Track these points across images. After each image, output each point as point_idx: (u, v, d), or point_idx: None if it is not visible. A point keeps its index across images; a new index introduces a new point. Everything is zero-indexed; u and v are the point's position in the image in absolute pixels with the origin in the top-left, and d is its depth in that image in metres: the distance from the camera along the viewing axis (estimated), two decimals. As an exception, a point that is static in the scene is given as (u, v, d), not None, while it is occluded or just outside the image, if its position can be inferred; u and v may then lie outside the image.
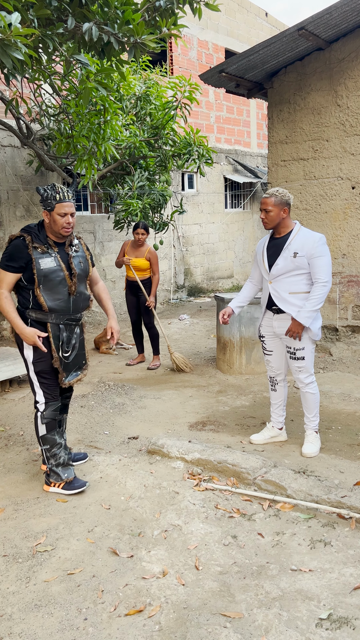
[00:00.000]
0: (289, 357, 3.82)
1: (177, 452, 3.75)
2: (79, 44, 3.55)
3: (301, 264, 3.62)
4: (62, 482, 3.40)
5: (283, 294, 3.72)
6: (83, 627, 2.28)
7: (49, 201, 3.26)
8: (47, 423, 3.40)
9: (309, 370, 3.81)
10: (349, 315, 6.24)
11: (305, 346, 3.74)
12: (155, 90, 7.40)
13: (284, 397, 4.04)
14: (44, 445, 3.42)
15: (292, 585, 2.49)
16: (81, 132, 5.37)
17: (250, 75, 6.37)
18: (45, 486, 3.46)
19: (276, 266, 3.70)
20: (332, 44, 5.97)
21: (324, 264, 3.59)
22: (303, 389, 3.85)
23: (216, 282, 13.02)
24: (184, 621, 2.28)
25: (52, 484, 3.42)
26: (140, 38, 3.32)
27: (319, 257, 3.59)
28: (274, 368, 3.98)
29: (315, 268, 3.60)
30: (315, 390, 3.85)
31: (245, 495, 3.28)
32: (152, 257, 6.35)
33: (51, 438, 3.42)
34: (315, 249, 3.59)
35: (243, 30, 13.95)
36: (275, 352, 3.93)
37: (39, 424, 3.41)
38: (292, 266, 3.65)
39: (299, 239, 3.64)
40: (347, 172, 6.05)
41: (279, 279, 3.72)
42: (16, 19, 2.62)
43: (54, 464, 3.42)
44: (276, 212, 3.63)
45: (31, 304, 3.30)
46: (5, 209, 7.65)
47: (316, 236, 3.64)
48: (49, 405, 3.40)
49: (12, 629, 2.29)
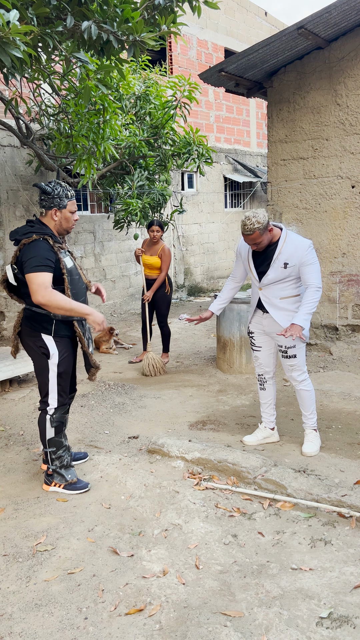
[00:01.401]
0: (281, 356, 3.85)
1: (177, 451, 3.74)
2: (79, 43, 3.54)
3: (292, 273, 3.68)
4: (65, 483, 3.40)
5: (274, 300, 3.77)
6: (83, 626, 2.28)
7: (61, 199, 3.24)
8: (56, 426, 3.38)
9: (301, 368, 3.83)
10: (349, 315, 6.24)
11: (297, 344, 3.78)
12: (154, 90, 7.40)
13: (273, 395, 4.06)
14: (50, 448, 3.39)
15: (292, 584, 2.48)
16: (80, 132, 5.36)
17: (250, 75, 6.37)
18: (45, 486, 3.45)
19: (267, 277, 3.73)
20: (331, 43, 5.97)
21: (315, 270, 3.63)
22: (297, 386, 3.86)
23: (216, 281, 13.02)
24: (185, 620, 2.28)
25: (54, 484, 3.42)
26: (140, 36, 3.31)
27: (310, 265, 3.62)
28: (262, 365, 3.99)
29: (307, 275, 3.63)
30: (310, 387, 3.86)
31: (246, 495, 3.28)
32: (163, 255, 6.35)
33: (58, 441, 3.40)
34: (305, 257, 3.62)
35: (242, 29, 13.95)
36: (264, 348, 3.96)
37: (47, 427, 3.37)
38: (282, 276, 3.70)
39: (287, 249, 3.64)
40: (347, 171, 6.05)
41: (269, 286, 3.77)
42: (14, 17, 2.62)
43: (59, 466, 3.41)
44: (265, 238, 3.63)
45: None
46: (5, 209, 7.65)
47: (304, 244, 3.64)
48: (60, 409, 3.39)
49: (12, 628, 2.28)
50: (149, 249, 6.39)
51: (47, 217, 3.29)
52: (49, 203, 3.25)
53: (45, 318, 3.28)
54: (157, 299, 6.45)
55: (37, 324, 3.29)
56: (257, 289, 3.84)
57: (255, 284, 3.85)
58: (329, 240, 6.23)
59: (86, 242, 9.26)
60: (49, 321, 3.28)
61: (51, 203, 3.24)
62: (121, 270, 10.09)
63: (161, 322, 6.51)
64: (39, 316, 3.28)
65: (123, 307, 10.15)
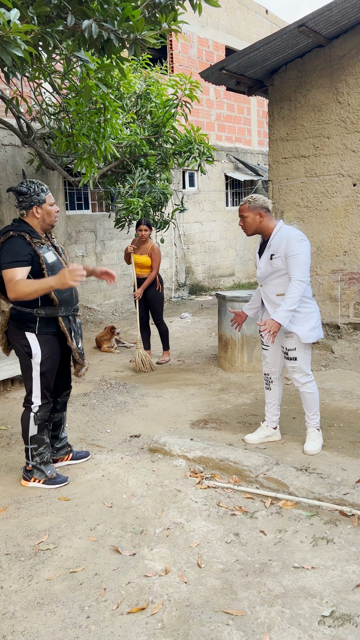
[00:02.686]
0: (284, 356, 3.84)
1: (179, 450, 3.74)
2: (79, 42, 3.54)
3: (278, 265, 3.63)
4: (45, 479, 3.44)
5: (271, 296, 3.77)
6: (85, 625, 2.28)
7: (38, 195, 3.28)
8: (39, 424, 3.43)
9: (303, 371, 3.79)
10: (350, 313, 6.23)
11: (297, 347, 3.73)
12: (155, 88, 7.39)
13: (278, 396, 4.05)
14: (32, 445, 3.44)
15: (294, 583, 2.48)
16: (81, 131, 5.36)
17: (251, 73, 6.36)
18: (24, 481, 3.48)
19: (259, 270, 3.76)
20: (332, 41, 5.95)
21: (299, 262, 3.54)
22: (300, 388, 3.85)
23: (217, 280, 13.01)
24: (187, 619, 2.28)
25: (33, 480, 3.46)
26: (141, 34, 3.31)
27: (294, 256, 3.55)
28: (269, 364, 3.99)
29: (290, 267, 3.57)
30: (313, 390, 3.84)
31: (248, 493, 3.27)
32: (153, 254, 6.35)
33: (40, 438, 3.45)
34: (289, 247, 3.56)
35: (243, 27, 13.92)
36: (272, 347, 3.96)
37: (31, 424, 3.42)
38: (271, 269, 3.68)
39: (276, 240, 3.65)
40: (348, 169, 6.04)
41: (266, 281, 3.77)
42: (15, 16, 2.62)
43: (39, 462, 3.45)
44: (252, 218, 3.68)
45: (40, 302, 3.30)
46: (6, 208, 7.64)
47: (292, 234, 3.60)
48: (43, 407, 3.43)
49: (14, 627, 2.28)
50: (138, 248, 6.40)
51: (29, 217, 3.33)
52: (28, 202, 3.29)
53: (29, 317, 3.31)
54: (150, 297, 6.45)
55: (22, 323, 3.33)
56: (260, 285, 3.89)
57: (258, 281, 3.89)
58: (331, 239, 6.22)
59: (87, 241, 9.26)
60: (32, 319, 3.31)
61: (30, 202, 3.28)
62: (122, 269, 10.08)
63: (157, 320, 6.52)
64: (23, 315, 3.31)
65: (124, 305, 10.15)
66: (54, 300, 3.29)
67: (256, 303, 4.08)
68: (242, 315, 4.10)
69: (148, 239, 6.40)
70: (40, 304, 3.30)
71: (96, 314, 9.24)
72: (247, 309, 4.10)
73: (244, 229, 3.75)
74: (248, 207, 3.67)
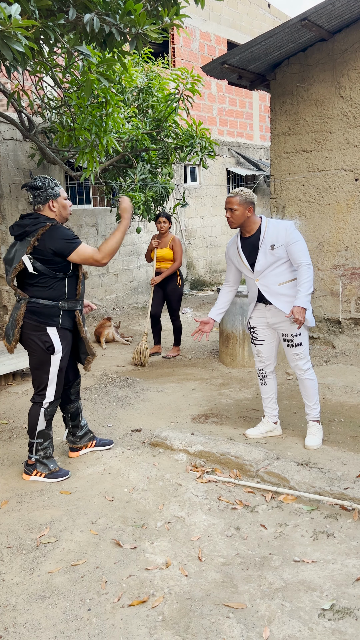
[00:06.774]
0: (286, 345, 3.85)
1: (180, 444, 3.75)
2: (81, 35, 3.53)
3: (280, 254, 3.70)
4: (48, 472, 3.46)
5: (272, 287, 3.77)
6: (87, 617, 2.29)
7: (53, 189, 3.29)
8: (48, 419, 3.45)
9: (306, 356, 3.85)
10: (352, 308, 6.23)
11: (302, 332, 3.80)
12: (157, 83, 7.36)
13: (274, 389, 4.08)
14: (38, 439, 3.46)
15: (294, 576, 2.50)
16: (83, 125, 5.35)
17: (253, 67, 6.33)
18: (25, 475, 3.49)
19: (258, 263, 3.76)
20: (335, 35, 5.92)
21: (302, 248, 3.67)
22: (302, 375, 3.86)
23: (219, 275, 13.00)
24: (187, 612, 2.29)
25: (35, 473, 3.47)
26: (142, 28, 3.30)
27: (295, 243, 3.66)
28: (264, 358, 4.00)
29: (295, 254, 3.67)
30: (314, 377, 3.88)
31: (248, 487, 3.29)
32: (175, 245, 6.37)
33: (47, 433, 3.48)
34: (289, 235, 3.67)
35: (245, 21, 13.86)
36: (267, 342, 3.96)
37: (40, 419, 3.42)
38: (272, 259, 3.71)
39: (270, 232, 3.71)
40: (350, 164, 6.02)
41: (264, 274, 3.77)
42: (16, 11, 2.61)
43: (43, 456, 3.47)
44: (241, 211, 3.69)
45: (66, 295, 3.32)
46: (8, 203, 7.64)
47: (286, 223, 3.72)
48: (54, 403, 3.45)
49: (16, 619, 2.30)
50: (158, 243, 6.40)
51: (45, 211, 3.32)
52: (43, 197, 3.29)
53: (53, 310, 3.30)
54: (169, 292, 6.47)
55: (45, 317, 3.30)
56: (253, 282, 3.85)
57: (250, 277, 3.86)
58: (332, 234, 6.21)
59: (89, 235, 9.25)
60: (56, 313, 3.30)
61: (46, 195, 3.29)
62: (124, 264, 10.09)
63: (173, 316, 6.56)
64: (46, 309, 3.29)
65: (126, 300, 10.16)
66: (78, 293, 3.35)
67: (224, 306, 4.04)
68: (209, 323, 3.94)
69: (167, 232, 6.41)
70: (66, 296, 3.32)
71: (97, 309, 9.25)
72: (214, 314, 4.00)
73: (230, 221, 3.75)
74: (239, 201, 3.68)
